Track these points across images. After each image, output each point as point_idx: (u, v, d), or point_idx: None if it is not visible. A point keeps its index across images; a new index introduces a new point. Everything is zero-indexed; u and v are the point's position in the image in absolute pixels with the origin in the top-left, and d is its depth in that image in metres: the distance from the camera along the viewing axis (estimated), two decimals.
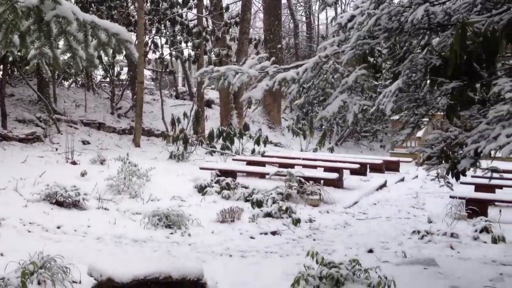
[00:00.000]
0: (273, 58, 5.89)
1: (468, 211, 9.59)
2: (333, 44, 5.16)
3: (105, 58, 16.48)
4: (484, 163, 6.02)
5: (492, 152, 4.93)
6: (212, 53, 19.85)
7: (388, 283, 5.83)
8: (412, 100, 4.73)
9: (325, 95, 5.25)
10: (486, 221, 8.98)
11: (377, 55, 5.90)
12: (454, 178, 5.95)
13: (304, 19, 34.32)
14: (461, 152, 4.63)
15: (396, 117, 20.48)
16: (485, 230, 8.65)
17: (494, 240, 8.30)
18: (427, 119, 4.73)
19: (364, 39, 4.61)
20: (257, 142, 16.35)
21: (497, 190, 11.06)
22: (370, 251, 7.70)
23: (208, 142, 16.52)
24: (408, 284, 6.01)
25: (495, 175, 11.44)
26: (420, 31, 4.31)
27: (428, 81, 4.42)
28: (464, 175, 5.95)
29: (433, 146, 4.59)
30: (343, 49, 4.91)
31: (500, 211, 9.48)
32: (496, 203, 10.29)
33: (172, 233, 8.12)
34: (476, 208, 9.59)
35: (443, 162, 4.66)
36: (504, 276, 6.50)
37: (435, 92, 4.54)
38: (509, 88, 3.48)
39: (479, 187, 10.82)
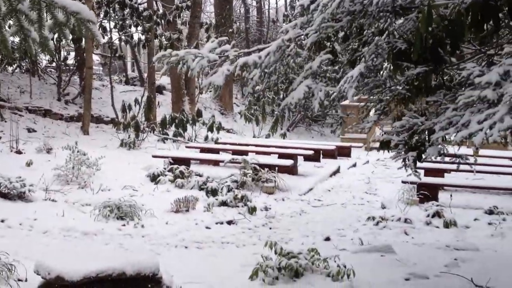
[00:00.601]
0: (233, 42, 5.68)
1: (420, 195, 9.66)
2: (295, 27, 4.99)
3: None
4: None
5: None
6: (163, 37, 19.41)
7: (347, 272, 5.78)
8: (377, 86, 4.62)
9: (288, 80, 5.06)
10: (437, 205, 9.09)
11: (333, 40, 5.78)
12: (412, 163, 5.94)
13: (254, 3, 34.08)
14: (421, 139, 4.55)
15: (346, 102, 20.51)
16: (437, 214, 8.75)
17: (446, 225, 8.39)
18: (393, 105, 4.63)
19: (328, 22, 4.45)
20: (210, 128, 16.12)
21: (445, 175, 11.20)
22: (327, 239, 7.65)
23: (160, 129, 16.17)
24: (367, 273, 5.95)
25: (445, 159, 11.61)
26: (384, 14, 4.19)
27: (390, 66, 4.31)
28: (421, 161, 5.94)
29: (399, 134, 4.49)
30: (306, 32, 4.74)
31: (451, 195, 9.60)
32: (445, 187, 10.43)
33: (124, 225, 7.86)
34: (427, 192, 9.68)
35: (410, 150, 4.57)
36: (458, 261, 6.56)
37: (397, 77, 4.43)
38: (478, 73, 3.40)
39: (428, 172, 10.92)
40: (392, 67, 4.19)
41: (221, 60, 5.10)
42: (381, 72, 4.89)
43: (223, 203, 9.08)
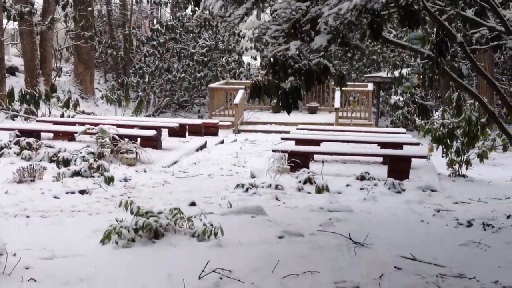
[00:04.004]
0: None
1: (291, 164, 9.26)
2: None
3: None
4: None
5: None
6: (13, 9, 17.54)
7: (214, 230, 5.12)
8: None
9: None
10: (309, 172, 8.73)
11: None
12: (285, 110, 5.37)
13: None
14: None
15: (215, 85, 19.95)
16: (309, 181, 8.42)
17: (318, 190, 8.08)
18: None
19: None
20: (66, 105, 14.70)
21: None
22: (193, 204, 6.95)
23: (8, 105, 14.43)
24: (237, 232, 5.35)
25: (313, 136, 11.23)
26: None
27: None
28: (297, 106, 5.39)
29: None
30: None
31: (323, 162, 9.31)
32: (316, 158, 10.15)
33: None
34: (298, 160, 9.28)
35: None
36: (333, 221, 6.20)
37: None
38: None
39: (299, 142, 10.60)
40: None
41: None
42: None
43: (77, 173, 8.04)
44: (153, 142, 10.65)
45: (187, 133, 13.04)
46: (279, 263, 4.53)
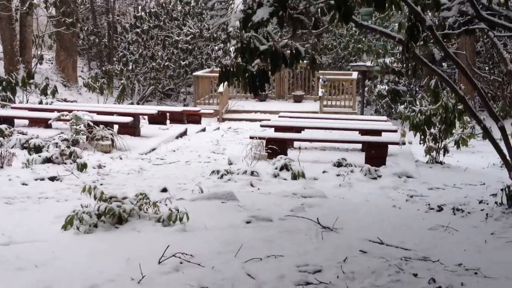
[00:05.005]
0: None
1: (268, 151, 9.18)
2: None
3: None
4: None
5: None
6: None
7: (180, 215, 5.03)
8: None
9: None
10: (286, 159, 8.65)
11: None
12: (253, 93, 5.31)
13: None
14: None
15: (200, 73, 19.79)
16: (285, 167, 8.34)
17: (294, 177, 8.00)
18: None
19: None
20: (44, 92, 14.49)
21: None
22: (164, 190, 6.86)
23: None
24: (205, 217, 5.28)
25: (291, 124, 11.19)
26: None
27: None
28: (263, 89, 5.32)
29: None
30: None
31: (300, 147, 9.23)
32: (296, 143, 10.07)
33: None
34: (276, 147, 9.20)
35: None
36: (305, 206, 6.16)
37: None
38: None
39: (278, 129, 10.51)
40: None
41: None
42: None
43: (48, 160, 7.90)
44: (131, 129, 10.53)
45: (168, 121, 12.91)
46: (243, 248, 4.47)
